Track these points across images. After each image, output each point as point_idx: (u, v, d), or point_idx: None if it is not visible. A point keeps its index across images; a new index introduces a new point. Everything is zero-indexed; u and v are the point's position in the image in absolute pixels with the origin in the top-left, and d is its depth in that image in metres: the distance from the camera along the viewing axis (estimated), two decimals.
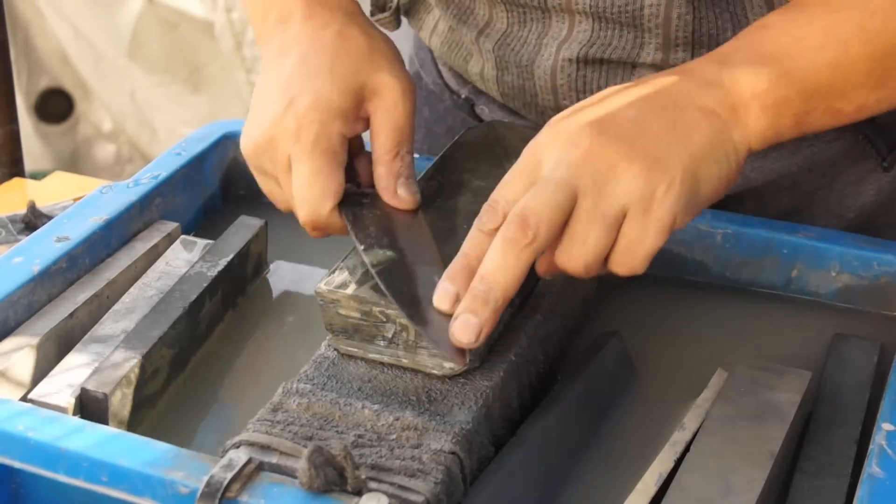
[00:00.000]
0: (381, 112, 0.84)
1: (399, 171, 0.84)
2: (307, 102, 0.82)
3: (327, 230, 0.84)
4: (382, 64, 0.85)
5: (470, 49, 1.03)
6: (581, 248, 0.72)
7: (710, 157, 0.75)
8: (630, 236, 0.72)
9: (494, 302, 0.70)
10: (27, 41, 2.64)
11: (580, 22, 0.93)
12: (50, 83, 2.67)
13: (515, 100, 1.01)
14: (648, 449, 0.77)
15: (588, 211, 0.71)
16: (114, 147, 2.72)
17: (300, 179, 0.82)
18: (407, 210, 0.84)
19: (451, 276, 0.72)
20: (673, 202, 0.72)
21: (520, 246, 0.70)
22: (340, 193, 0.82)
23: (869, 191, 1.01)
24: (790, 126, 0.79)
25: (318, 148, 0.81)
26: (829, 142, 0.99)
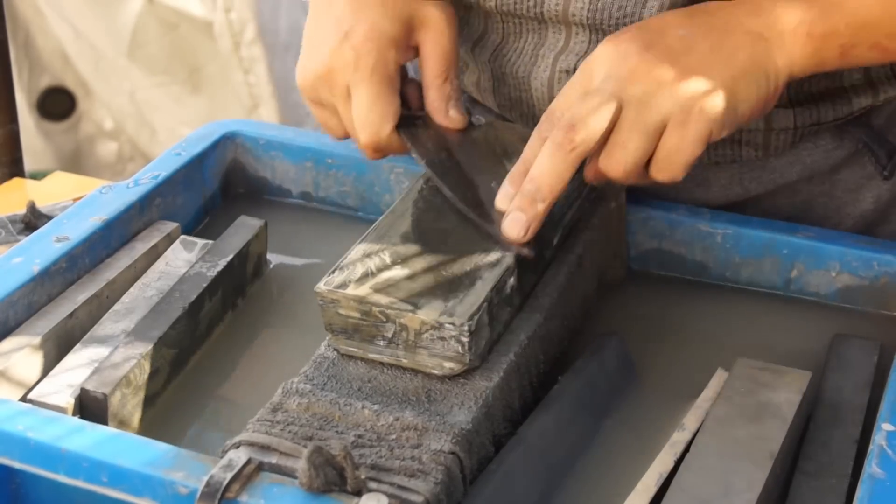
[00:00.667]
0: (430, 40, 0.90)
1: (449, 94, 0.91)
2: (363, 33, 0.87)
3: (387, 151, 0.90)
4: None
5: (465, 60, 1.02)
6: (622, 153, 0.78)
7: (750, 78, 0.80)
8: (669, 146, 0.78)
9: (542, 201, 0.78)
10: (28, 40, 2.64)
11: (577, 33, 0.93)
12: (51, 81, 2.67)
13: (512, 111, 1.01)
14: (648, 449, 0.77)
15: (631, 120, 0.77)
16: (115, 145, 2.72)
17: (361, 104, 0.87)
18: (458, 129, 0.91)
19: (511, 178, 0.80)
20: (710, 118, 0.78)
21: (566, 150, 0.77)
22: (398, 115, 0.88)
23: (868, 199, 1.01)
24: (835, 56, 0.82)
25: (376, 74, 0.87)
26: (828, 151, 0.99)
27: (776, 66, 0.81)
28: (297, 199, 1.05)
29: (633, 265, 0.97)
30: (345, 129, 0.91)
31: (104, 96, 2.67)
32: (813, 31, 0.81)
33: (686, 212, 0.96)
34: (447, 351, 0.75)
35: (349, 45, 0.87)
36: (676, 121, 0.78)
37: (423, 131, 0.90)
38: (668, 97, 0.77)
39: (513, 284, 0.80)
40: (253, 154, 1.04)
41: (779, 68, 0.81)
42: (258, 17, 2.56)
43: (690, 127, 0.78)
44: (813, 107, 0.95)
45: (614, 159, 0.79)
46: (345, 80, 0.88)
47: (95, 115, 2.70)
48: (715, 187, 1.00)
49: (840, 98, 0.96)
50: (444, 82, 0.90)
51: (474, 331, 0.74)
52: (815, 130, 0.97)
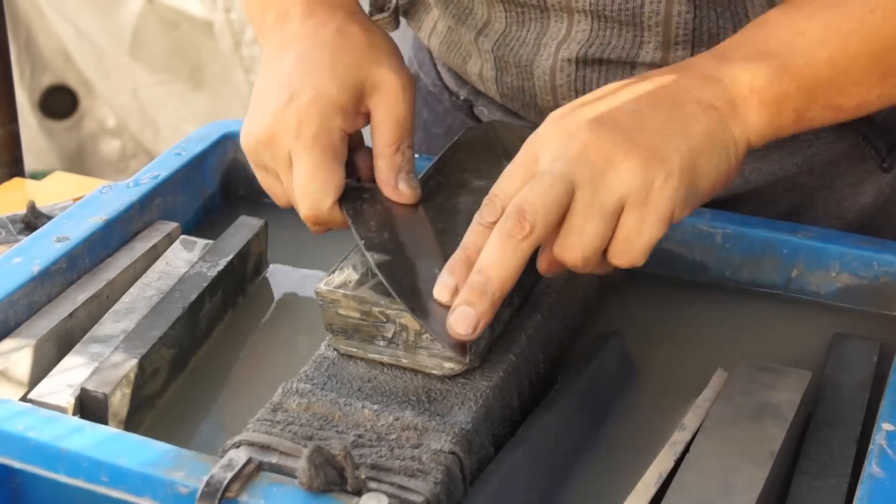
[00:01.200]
0: (382, 107, 0.85)
1: (400, 166, 0.85)
2: (307, 98, 0.83)
3: (328, 225, 0.85)
4: (382, 59, 0.85)
5: (469, 49, 1.03)
6: (579, 240, 0.73)
7: (708, 151, 0.75)
8: (628, 228, 0.73)
9: (492, 294, 0.71)
10: (29, 39, 2.65)
11: (579, 21, 0.93)
12: (53, 80, 2.68)
13: (514, 100, 1.01)
14: (648, 449, 0.77)
15: (586, 203, 0.72)
16: (118, 143, 2.73)
17: (301, 175, 0.83)
18: (407, 204, 0.85)
19: (451, 268, 0.73)
20: (671, 194, 0.73)
21: (517, 239, 0.71)
22: (341, 188, 0.83)
23: (868, 192, 1.01)
24: (790, 121, 0.79)
25: (318, 143, 0.82)
26: (828, 143, 0.99)
27: (734, 137, 0.77)
28: None
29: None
30: (287, 198, 0.86)
31: (106, 94, 2.67)
32: (764, 99, 0.77)
33: None
34: (447, 351, 0.75)
35: (293, 109, 0.83)
36: (635, 202, 0.72)
37: (370, 206, 0.84)
38: (625, 176, 0.72)
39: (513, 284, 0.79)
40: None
41: (736, 138, 0.77)
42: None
43: (650, 207, 0.72)
44: None
45: (571, 246, 0.73)
46: (287, 146, 0.83)
47: (98, 113, 2.71)
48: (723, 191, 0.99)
49: None
50: (395, 152, 0.85)
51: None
52: None
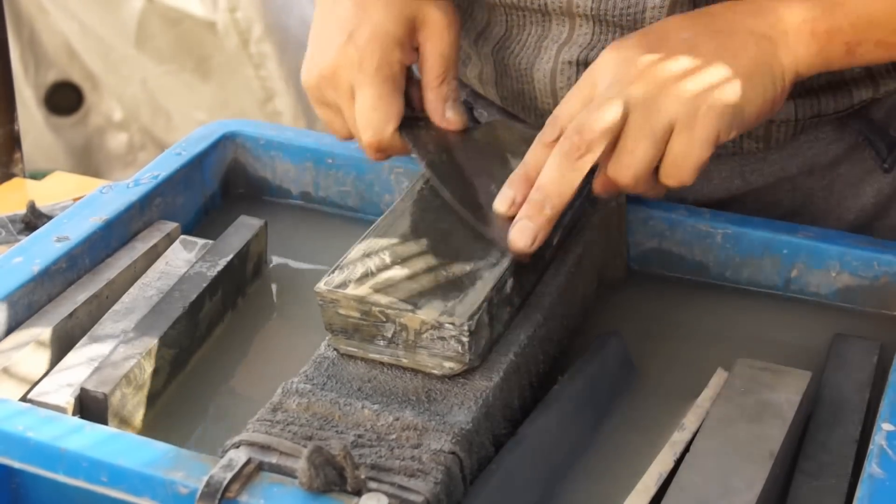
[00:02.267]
0: (430, 41, 0.90)
1: (447, 95, 0.91)
2: (367, 33, 0.87)
3: (389, 151, 0.90)
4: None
5: (468, 52, 1.02)
6: (631, 159, 0.78)
7: (756, 78, 0.79)
8: (676, 150, 0.78)
9: (551, 209, 0.78)
10: (32, 36, 2.67)
11: (581, 25, 0.93)
12: (58, 76, 2.70)
13: (514, 104, 1.01)
14: (648, 449, 0.77)
15: (637, 125, 0.77)
16: (126, 136, 2.75)
17: (365, 104, 0.88)
18: (456, 130, 0.91)
19: (512, 182, 0.80)
20: (717, 119, 0.77)
21: (574, 158, 0.77)
22: (401, 116, 0.89)
23: (868, 192, 1.01)
24: (840, 55, 0.82)
25: (380, 75, 0.87)
26: (829, 144, 0.99)
27: (782, 66, 0.81)
28: (297, 199, 1.05)
29: (633, 265, 0.97)
30: (349, 130, 0.91)
31: (114, 87, 2.70)
32: (817, 30, 0.81)
33: (686, 212, 0.96)
34: (447, 351, 0.75)
35: (353, 45, 0.88)
36: (683, 124, 0.77)
37: (426, 133, 0.90)
38: (674, 100, 0.77)
39: (513, 284, 0.80)
40: (253, 154, 1.04)
41: (785, 68, 0.81)
42: (265, 17, 2.57)
43: (697, 130, 0.77)
44: (814, 99, 0.95)
45: (623, 165, 0.78)
46: (349, 80, 0.88)
47: (104, 107, 2.73)
48: (716, 180, 1.00)
49: (841, 91, 0.96)
50: (441, 83, 0.90)
51: (474, 330, 0.74)
52: (816, 123, 0.97)
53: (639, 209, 0.96)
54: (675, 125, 0.77)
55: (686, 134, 0.77)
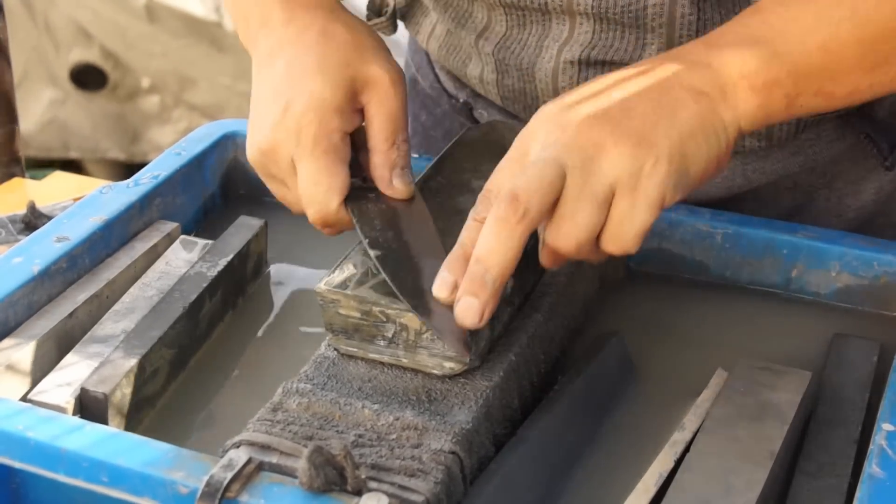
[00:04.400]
0: (375, 102, 0.85)
1: (395, 161, 0.85)
2: (302, 104, 0.83)
3: (338, 226, 0.85)
4: (369, 55, 0.86)
5: (469, 52, 1.02)
6: (572, 226, 0.72)
7: (698, 136, 0.75)
8: (620, 214, 0.73)
9: (493, 282, 0.71)
10: (48, 24, 2.71)
11: (581, 23, 0.93)
12: (79, 59, 2.76)
13: (516, 103, 1.01)
14: (648, 449, 0.77)
15: (577, 189, 0.72)
16: (157, 98, 2.79)
17: (305, 179, 0.83)
18: (404, 200, 0.85)
19: (449, 265, 0.73)
20: (661, 179, 0.73)
21: (511, 223, 0.71)
22: (346, 189, 0.84)
23: (869, 190, 1.01)
24: (781, 107, 0.79)
25: (319, 147, 0.83)
26: (830, 142, 0.99)
27: (724, 122, 0.76)
28: None
29: (633, 265, 0.97)
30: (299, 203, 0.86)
31: (136, 61, 2.74)
32: (755, 84, 0.77)
33: (686, 212, 0.96)
34: (447, 351, 0.75)
35: (290, 117, 0.83)
36: (626, 187, 0.72)
37: (374, 205, 0.84)
38: (615, 162, 0.72)
39: (513, 284, 0.80)
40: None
41: (727, 124, 0.77)
42: None
43: (641, 193, 0.72)
44: None
45: (563, 233, 0.73)
46: (289, 154, 0.83)
47: (130, 80, 2.79)
48: (717, 178, 0.99)
49: None
50: (389, 147, 0.85)
51: (474, 331, 0.74)
52: (818, 121, 0.97)
53: None
54: (617, 189, 0.72)
55: (629, 198, 0.72)
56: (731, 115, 0.77)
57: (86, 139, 2.87)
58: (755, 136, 0.96)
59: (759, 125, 0.79)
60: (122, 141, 2.87)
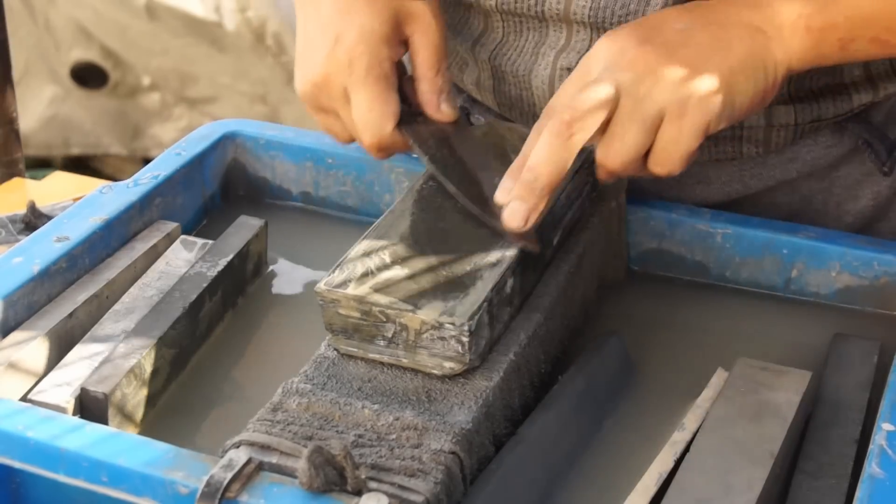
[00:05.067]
0: (419, 33, 0.90)
1: (441, 87, 0.91)
2: (353, 35, 0.87)
3: (391, 149, 0.90)
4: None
5: (465, 59, 1.02)
6: (620, 145, 0.78)
7: (748, 70, 0.80)
8: (666, 138, 0.78)
9: (541, 190, 0.77)
10: (48, 23, 2.72)
11: (578, 31, 0.93)
12: (79, 58, 2.78)
13: (512, 109, 1.01)
14: (648, 449, 0.77)
15: (628, 111, 0.77)
16: (158, 95, 2.80)
17: (360, 107, 0.88)
18: (450, 122, 0.91)
19: (510, 173, 0.80)
20: (707, 110, 0.78)
21: (563, 137, 0.77)
22: (398, 113, 0.88)
23: (867, 195, 1.01)
24: (835, 50, 0.82)
25: (371, 75, 0.87)
26: (828, 147, 0.99)
27: (775, 60, 0.81)
28: (297, 199, 1.05)
29: (633, 265, 0.97)
30: (349, 133, 0.91)
31: (137, 60, 2.76)
32: (811, 25, 0.81)
33: (686, 212, 0.96)
34: (447, 351, 0.75)
35: (341, 49, 0.87)
36: (673, 113, 0.77)
37: (424, 128, 0.90)
38: (666, 89, 0.77)
39: (513, 284, 0.80)
40: (253, 154, 1.04)
41: (777, 62, 0.81)
42: (279, 11, 2.60)
43: (687, 119, 0.78)
44: (813, 103, 0.95)
45: (612, 150, 0.79)
46: (341, 84, 0.88)
47: (130, 79, 2.81)
48: (716, 184, 1.00)
49: (840, 94, 0.96)
50: (435, 75, 0.90)
51: (474, 331, 0.74)
52: (816, 127, 0.97)
53: (639, 209, 0.96)
54: (666, 114, 0.77)
55: (676, 123, 0.78)
56: (783, 53, 0.81)
57: (87, 136, 2.88)
58: (753, 142, 0.97)
59: (809, 66, 0.83)
60: (123, 137, 2.89)
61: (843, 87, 0.96)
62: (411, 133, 0.89)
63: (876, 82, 0.97)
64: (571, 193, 0.88)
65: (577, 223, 0.90)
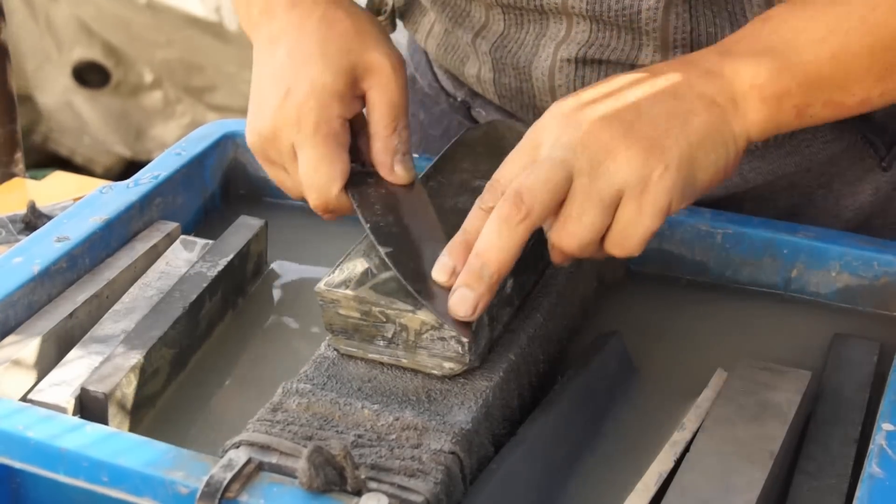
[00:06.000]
0: (376, 89, 0.86)
1: (396, 147, 0.86)
2: (303, 90, 0.83)
3: (338, 212, 0.86)
4: (370, 42, 0.86)
5: (466, 51, 1.02)
6: (576, 226, 0.73)
7: (707, 145, 0.76)
8: (625, 218, 0.74)
9: (489, 277, 0.72)
10: (49, 21, 2.73)
11: (578, 23, 0.93)
12: (81, 56, 2.78)
13: (513, 101, 1.01)
14: (648, 449, 0.77)
15: (584, 190, 0.73)
16: (160, 93, 2.81)
17: (306, 166, 0.84)
18: (405, 186, 0.86)
19: (450, 250, 0.74)
20: (669, 186, 0.73)
21: (514, 222, 0.72)
22: (346, 175, 0.84)
23: (867, 191, 1.01)
24: (791, 118, 0.79)
25: (319, 133, 0.83)
26: (827, 142, 0.99)
27: (733, 133, 0.77)
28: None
29: (633, 265, 0.97)
30: (299, 189, 0.87)
31: (140, 53, 2.75)
32: (765, 95, 0.78)
33: (686, 212, 0.96)
34: (447, 351, 0.75)
35: (291, 103, 0.83)
36: (633, 192, 0.73)
37: (374, 190, 0.85)
38: (624, 166, 0.73)
39: (513, 285, 0.80)
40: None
41: (736, 134, 0.77)
42: None
43: (648, 198, 0.73)
44: None
45: (568, 233, 0.74)
46: (289, 140, 0.84)
47: (132, 77, 2.80)
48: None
49: None
50: (391, 134, 0.86)
51: (474, 331, 0.74)
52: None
53: None
54: (625, 193, 0.73)
55: (635, 203, 0.73)
56: (741, 125, 0.77)
57: (90, 136, 2.89)
58: None
59: (768, 135, 0.79)
60: (126, 138, 2.89)
61: None
62: (357, 197, 0.84)
63: None
64: None
65: None
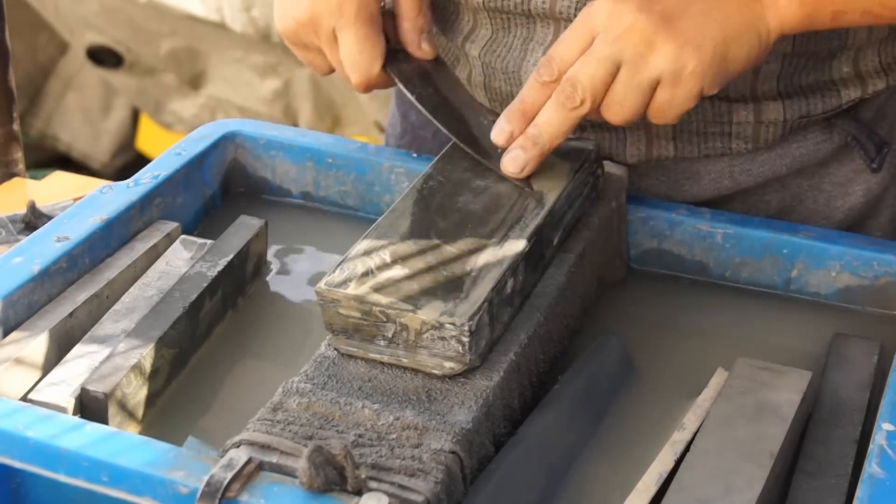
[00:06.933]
0: None
1: (422, 26, 0.96)
2: None
3: (378, 87, 0.96)
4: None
5: (456, 55, 1.03)
6: (620, 108, 0.85)
7: (742, 39, 0.84)
8: (661, 101, 0.85)
9: (542, 146, 0.86)
10: (58, 9, 2.74)
11: (565, 27, 0.93)
12: (93, 41, 2.82)
13: (503, 105, 1.00)
14: (648, 449, 0.77)
15: (628, 80, 0.84)
16: (173, 75, 2.83)
17: (350, 47, 0.93)
18: (431, 61, 0.97)
19: (509, 116, 0.87)
20: (700, 77, 0.83)
21: (568, 108, 0.84)
22: (384, 54, 0.94)
23: (857, 192, 1.01)
24: (826, 21, 0.86)
25: (360, 17, 0.92)
26: (817, 143, 0.99)
27: (768, 27, 0.85)
28: (298, 198, 1.05)
29: (633, 265, 0.97)
30: (330, 66, 0.97)
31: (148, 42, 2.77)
32: None
33: (686, 212, 0.96)
34: (448, 351, 0.75)
35: None
36: (668, 81, 0.83)
37: (407, 66, 0.95)
38: (661, 59, 0.82)
39: (513, 284, 0.80)
40: (253, 154, 1.04)
41: (770, 29, 0.85)
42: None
43: (681, 87, 0.83)
44: (802, 99, 0.96)
45: (613, 112, 0.85)
46: (330, 24, 0.92)
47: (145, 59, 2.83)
48: (705, 180, 1.00)
49: (829, 91, 0.96)
50: (417, 14, 0.95)
51: (475, 331, 0.74)
52: (805, 123, 0.97)
53: (639, 209, 0.96)
54: (661, 80, 0.83)
55: (670, 89, 0.84)
56: (776, 21, 0.85)
57: (97, 120, 2.93)
58: (742, 138, 0.97)
59: (800, 31, 0.88)
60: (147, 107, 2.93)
61: (831, 83, 0.96)
62: (398, 73, 0.94)
63: (864, 79, 0.97)
64: (572, 193, 0.88)
65: (578, 223, 0.90)
